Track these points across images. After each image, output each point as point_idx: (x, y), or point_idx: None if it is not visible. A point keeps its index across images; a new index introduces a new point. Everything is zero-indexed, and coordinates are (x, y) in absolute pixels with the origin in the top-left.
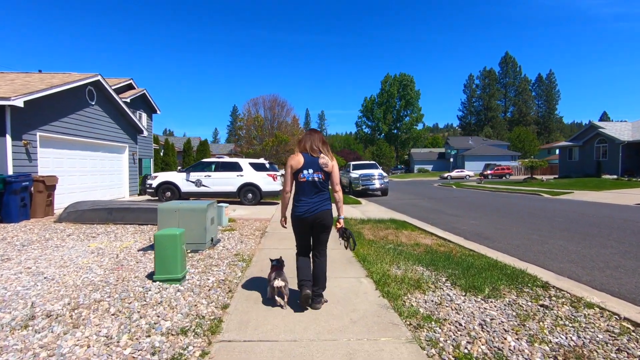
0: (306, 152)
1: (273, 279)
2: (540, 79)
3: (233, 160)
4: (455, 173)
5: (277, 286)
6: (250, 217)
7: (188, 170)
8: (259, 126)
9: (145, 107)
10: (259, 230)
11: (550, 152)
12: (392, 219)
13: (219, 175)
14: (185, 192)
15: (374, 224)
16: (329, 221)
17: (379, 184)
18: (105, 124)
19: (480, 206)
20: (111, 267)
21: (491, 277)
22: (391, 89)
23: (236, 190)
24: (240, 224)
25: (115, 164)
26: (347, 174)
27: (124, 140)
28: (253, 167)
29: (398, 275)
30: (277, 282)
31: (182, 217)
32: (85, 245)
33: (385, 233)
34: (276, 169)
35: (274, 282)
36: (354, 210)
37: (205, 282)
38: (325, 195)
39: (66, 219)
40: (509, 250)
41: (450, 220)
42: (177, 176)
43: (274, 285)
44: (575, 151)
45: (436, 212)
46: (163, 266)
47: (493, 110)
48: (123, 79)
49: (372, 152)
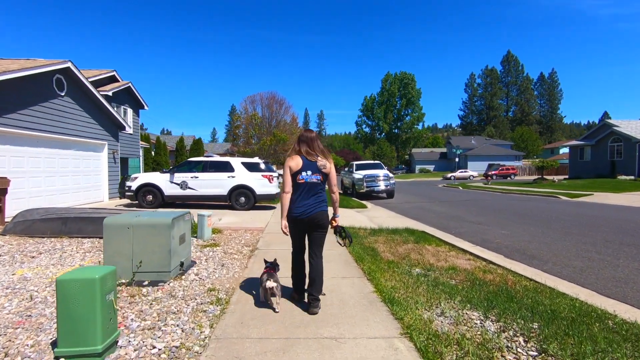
0: (303, 155)
1: (265, 280)
2: (543, 78)
3: (223, 160)
4: (459, 173)
5: (269, 287)
6: (241, 227)
7: (172, 170)
8: (256, 124)
9: (130, 102)
10: (248, 246)
11: (554, 152)
12: (408, 229)
13: (208, 176)
14: (169, 195)
15: (388, 236)
16: (325, 222)
17: (385, 185)
18: (79, 119)
19: (499, 211)
20: (11, 319)
21: (595, 338)
22: (392, 88)
23: (227, 194)
24: (226, 237)
25: (92, 163)
26: (349, 175)
27: (102, 137)
28: (246, 167)
29: (449, 333)
30: (269, 283)
31: (137, 237)
32: (9, 272)
33: (405, 249)
34: (272, 169)
35: (265, 283)
36: (360, 216)
37: (146, 354)
38: (322, 196)
39: (12, 231)
40: (574, 277)
41: (475, 229)
42: (159, 177)
43: (265, 287)
44: (586, 151)
45: (454, 218)
46: (71, 332)
47: (495, 110)
48: (104, 70)
49: (373, 151)
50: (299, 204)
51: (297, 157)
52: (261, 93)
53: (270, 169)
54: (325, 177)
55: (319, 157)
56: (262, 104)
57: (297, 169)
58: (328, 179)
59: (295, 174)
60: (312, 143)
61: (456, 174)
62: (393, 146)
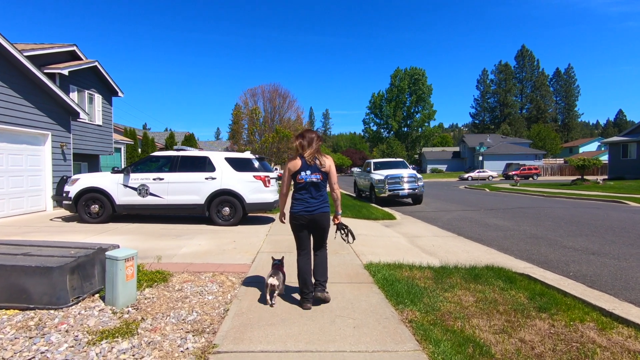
0: (302, 155)
1: (269, 276)
2: (559, 74)
3: (200, 155)
4: (477, 173)
5: (270, 284)
6: (210, 262)
7: (127, 170)
8: (257, 119)
9: (99, 87)
10: (199, 326)
11: (572, 151)
12: (492, 268)
13: (177, 177)
14: (122, 204)
15: (469, 286)
16: (327, 222)
17: (412, 188)
18: (7, 101)
19: (585, 224)
20: None
21: None
22: (401, 84)
23: (204, 202)
24: (168, 294)
25: (27, 160)
26: (366, 176)
27: (44, 126)
28: (232, 164)
29: None
30: (271, 279)
31: None
32: None
33: (515, 323)
34: (269, 167)
35: (268, 280)
36: (393, 233)
37: None
38: (324, 196)
39: None
40: None
41: (601, 266)
42: (109, 179)
43: (268, 283)
44: (631, 147)
45: (537, 240)
46: None
47: (509, 107)
48: (59, 44)
49: (382, 150)
50: (299, 201)
51: (296, 159)
52: (263, 85)
53: (266, 168)
54: (325, 176)
55: (318, 156)
56: (263, 97)
57: (296, 170)
58: (328, 176)
59: (294, 174)
60: (312, 143)
61: (473, 174)
62: (403, 145)
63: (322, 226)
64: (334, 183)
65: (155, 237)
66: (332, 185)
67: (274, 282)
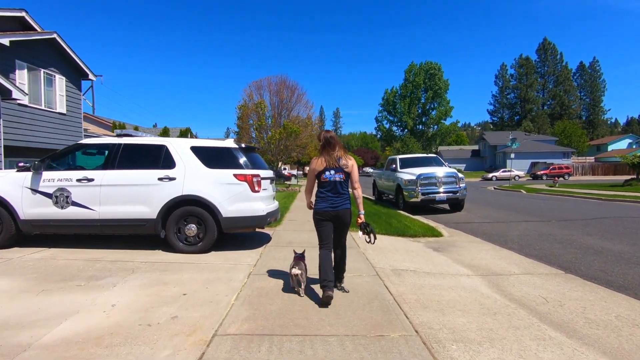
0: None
1: (291, 267)
2: (583, 67)
3: (153, 142)
4: (501, 173)
5: (294, 274)
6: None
7: (39, 165)
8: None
9: (62, 67)
10: None
11: (600, 149)
12: None
13: (116, 177)
14: (29, 219)
15: None
16: (348, 219)
17: (451, 191)
18: None
19: None
20: None
21: None
22: (416, 79)
23: (156, 217)
24: None
25: None
26: (390, 175)
27: None
28: (201, 156)
29: None
30: (294, 270)
31: None
32: None
33: None
34: (261, 162)
35: (292, 271)
36: (452, 265)
37: None
38: (346, 194)
39: None
40: None
41: None
42: (10, 180)
43: (291, 274)
44: None
45: None
46: None
47: (531, 103)
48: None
49: (397, 149)
50: (323, 199)
51: (320, 158)
52: (269, 77)
53: (256, 163)
54: (347, 176)
55: (342, 157)
56: (270, 90)
57: (320, 169)
58: (351, 176)
59: (319, 174)
60: (332, 152)
61: (498, 173)
62: (419, 143)
63: (345, 221)
64: (356, 182)
65: (51, 283)
66: (354, 183)
67: (296, 272)
